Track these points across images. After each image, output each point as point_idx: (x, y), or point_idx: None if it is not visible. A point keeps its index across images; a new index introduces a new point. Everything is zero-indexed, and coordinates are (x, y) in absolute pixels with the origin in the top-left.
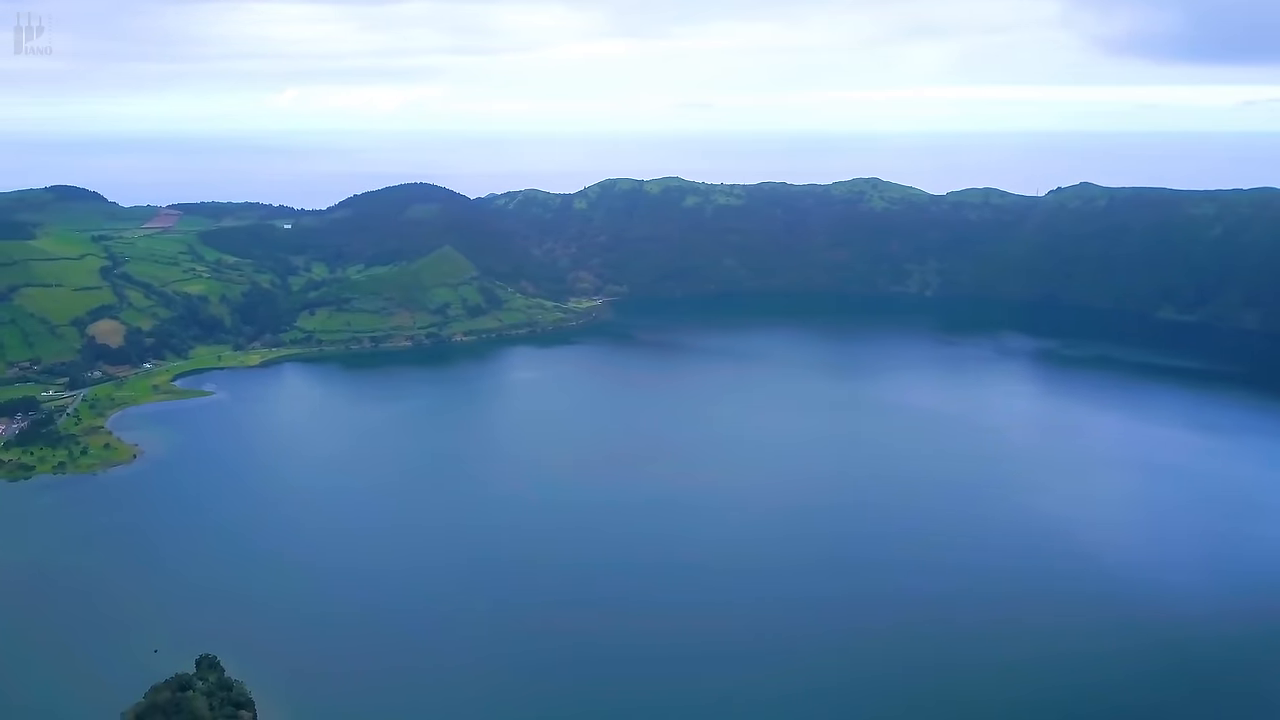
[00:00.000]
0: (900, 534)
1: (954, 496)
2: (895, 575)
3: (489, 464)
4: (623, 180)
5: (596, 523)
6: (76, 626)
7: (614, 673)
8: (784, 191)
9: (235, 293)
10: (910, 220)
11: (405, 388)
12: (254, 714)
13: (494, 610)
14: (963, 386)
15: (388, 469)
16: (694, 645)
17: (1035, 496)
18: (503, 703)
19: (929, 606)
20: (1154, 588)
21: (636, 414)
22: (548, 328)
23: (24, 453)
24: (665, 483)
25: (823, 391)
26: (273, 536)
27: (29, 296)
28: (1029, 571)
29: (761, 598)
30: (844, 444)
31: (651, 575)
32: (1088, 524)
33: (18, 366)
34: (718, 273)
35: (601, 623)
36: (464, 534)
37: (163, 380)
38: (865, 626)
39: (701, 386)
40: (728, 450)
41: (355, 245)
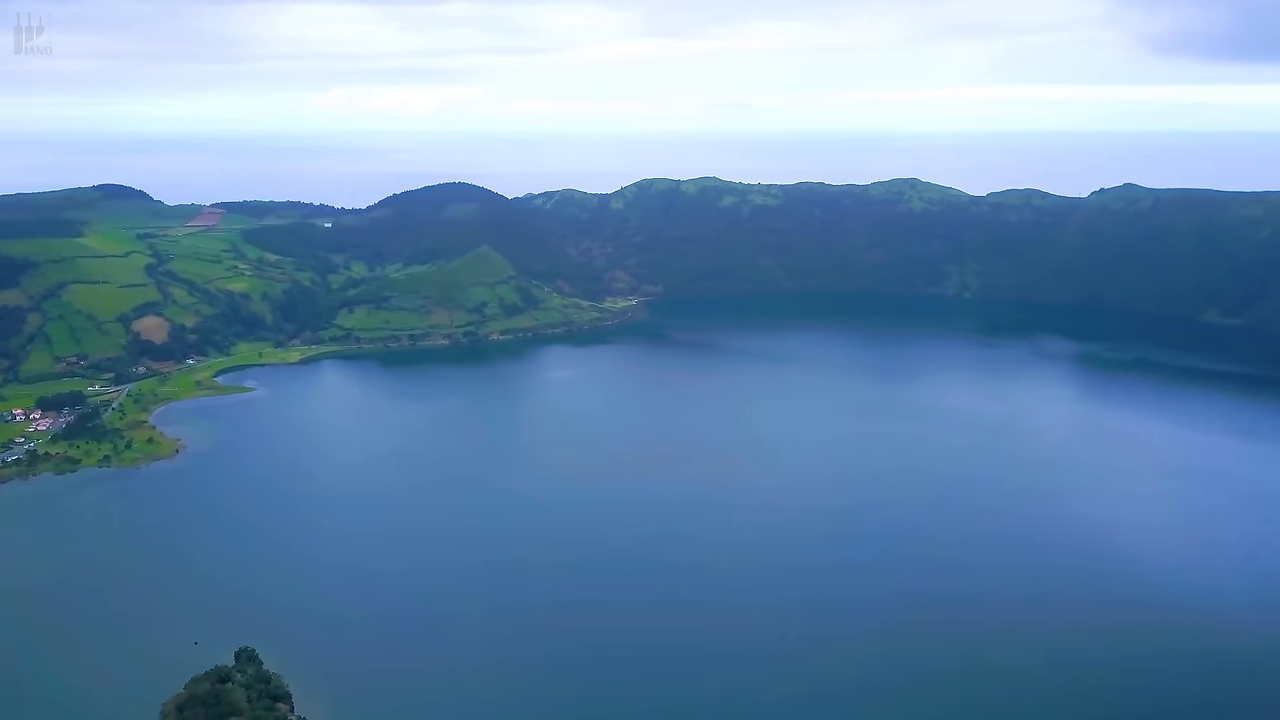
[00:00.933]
0: (934, 536)
1: (989, 499)
2: (928, 576)
3: (523, 463)
4: (659, 180)
5: (630, 523)
6: (120, 617)
7: (646, 673)
8: (821, 191)
9: (276, 290)
10: (949, 221)
11: (442, 386)
12: (291, 706)
13: (525, 610)
14: (1000, 389)
15: (424, 467)
16: (731, 645)
17: (1073, 500)
18: (531, 700)
19: (961, 607)
20: (1192, 592)
21: (670, 414)
22: (583, 327)
23: (70, 446)
24: (698, 483)
25: (858, 393)
26: (311, 531)
27: (76, 293)
28: (1064, 574)
29: (795, 598)
30: (879, 446)
31: (686, 575)
32: (1125, 527)
33: (65, 361)
34: (754, 273)
35: (634, 623)
36: (498, 534)
37: (205, 376)
38: (896, 627)
39: (736, 387)
40: (761, 451)
41: (394, 244)
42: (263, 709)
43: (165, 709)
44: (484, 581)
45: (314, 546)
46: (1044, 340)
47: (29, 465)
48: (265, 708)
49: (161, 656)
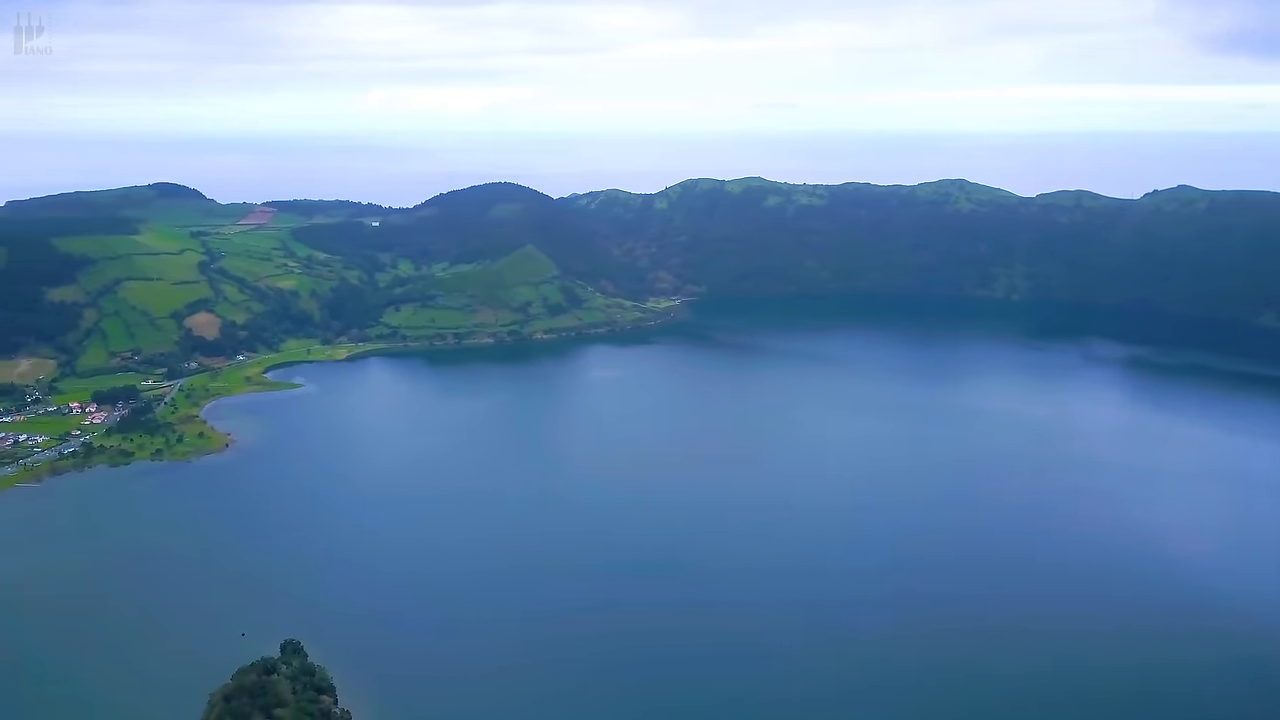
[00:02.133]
0: (974, 538)
1: (1033, 502)
2: (967, 578)
3: (565, 463)
4: (704, 180)
5: (669, 524)
6: (169, 608)
7: (681, 674)
8: (867, 192)
9: (325, 288)
10: (998, 222)
11: (486, 384)
12: (334, 699)
13: (564, 611)
14: (1048, 393)
15: (467, 465)
16: (767, 645)
17: (1119, 504)
18: (568, 701)
19: (1001, 609)
20: (1238, 598)
21: (711, 416)
22: (626, 327)
23: (124, 439)
24: (739, 485)
25: (903, 396)
26: (355, 527)
27: (131, 289)
28: (1108, 577)
29: (834, 599)
30: (922, 448)
31: (724, 578)
32: (1172, 532)
33: (120, 356)
34: (798, 274)
35: (669, 625)
36: (539, 534)
37: (254, 372)
38: (935, 629)
39: (778, 389)
40: (802, 454)
41: (440, 243)
42: (307, 701)
43: (213, 699)
44: (526, 582)
45: (357, 542)
46: (1094, 344)
47: (84, 457)
48: (310, 700)
49: (209, 647)
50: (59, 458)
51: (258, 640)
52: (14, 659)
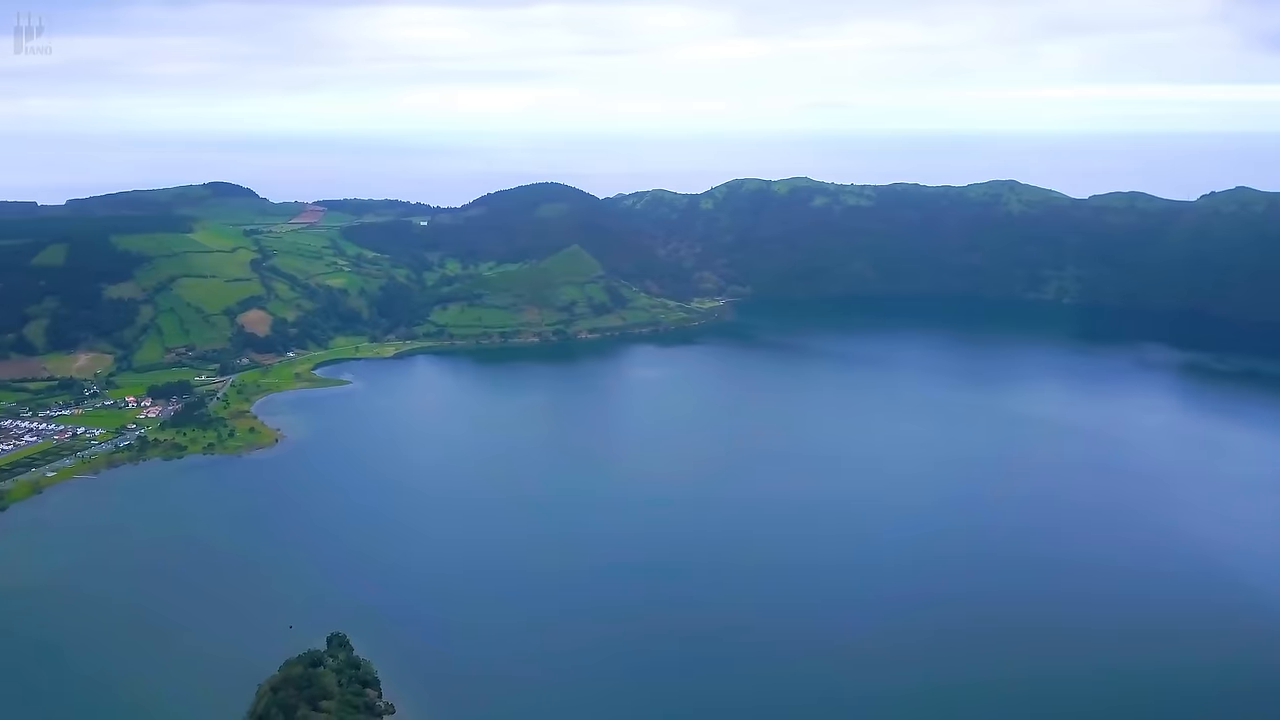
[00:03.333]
0: (1019, 543)
1: (1083, 510)
2: (1011, 583)
3: (608, 461)
4: (750, 180)
5: (712, 522)
6: (220, 599)
7: (721, 674)
8: (916, 193)
9: (374, 286)
10: (1049, 224)
11: (531, 383)
12: (379, 692)
13: (608, 609)
14: (1099, 399)
15: (511, 463)
16: (817, 644)
17: (1171, 514)
18: (615, 700)
19: (1048, 615)
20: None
21: (754, 416)
22: (670, 327)
23: (178, 433)
24: (781, 485)
25: (951, 399)
26: (401, 522)
27: (186, 286)
28: (1161, 591)
29: (874, 599)
30: (967, 452)
31: (768, 577)
32: (1227, 545)
33: (174, 352)
34: (845, 275)
35: (710, 623)
36: (584, 532)
37: (304, 369)
38: (981, 636)
39: (822, 390)
40: (846, 456)
41: (487, 243)
42: (352, 694)
43: (261, 690)
44: (570, 581)
45: (404, 539)
46: (1147, 349)
47: (139, 451)
48: (355, 693)
49: (258, 638)
50: (115, 451)
51: (305, 633)
52: (69, 646)
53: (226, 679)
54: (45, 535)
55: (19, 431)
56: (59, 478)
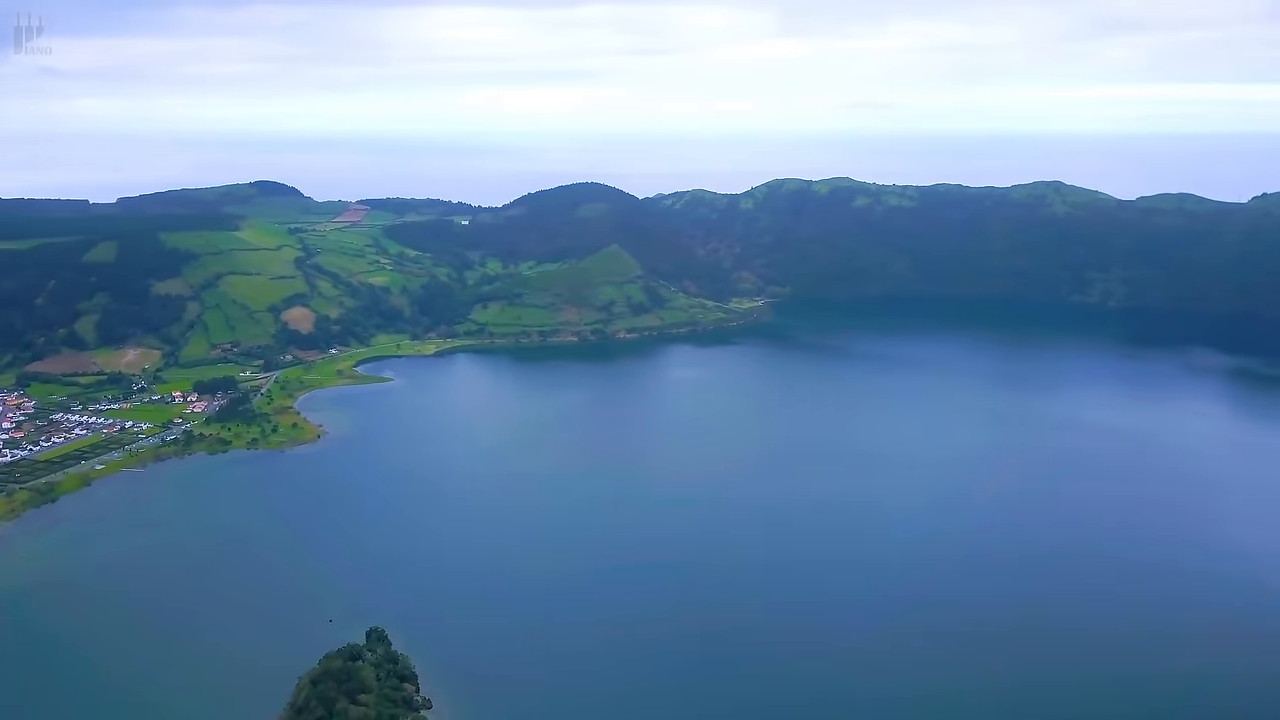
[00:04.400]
0: (1063, 552)
1: (1128, 516)
2: (1051, 593)
3: (643, 460)
4: (790, 180)
5: (748, 522)
6: (262, 592)
7: (757, 673)
8: (959, 194)
9: (415, 285)
10: (1095, 226)
11: (569, 382)
12: (416, 687)
13: (645, 608)
14: (1146, 404)
15: (550, 462)
16: (859, 644)
17: (1218, 521)
18: (652, 700)
19: (1093, 626)
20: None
21: (791, 418)
22: (708, 327)
23: (223, 428)
24: (816, 487)
25: (991, 402)
26: (440, 518)
27: (232, 284)
28: (1206, 600)
29: (911, 600)
30: (1010, 457)
31: (810, 573)
32: (1274, 554)
33: (220, 348)
34: (886, 276)
35: (749, 622)
36: (620, 531)
37: (346, 366)
38: (1023, 626)
39: (861, 392)
40: (882, 458)
41: (527, 242)
42: (390, 688)
43: (301, 682)
44: (605, 579)
45: (442, 531)
46: (1195, 353)
47: (185, 445)
48: (393, 687)
49: (299, 631)
50: (162, 444)
51: (344, 627)
52: (117, 634)
53: (267, 670)
54: (94, 527)
55: (69, 424)
56: (107, 470)
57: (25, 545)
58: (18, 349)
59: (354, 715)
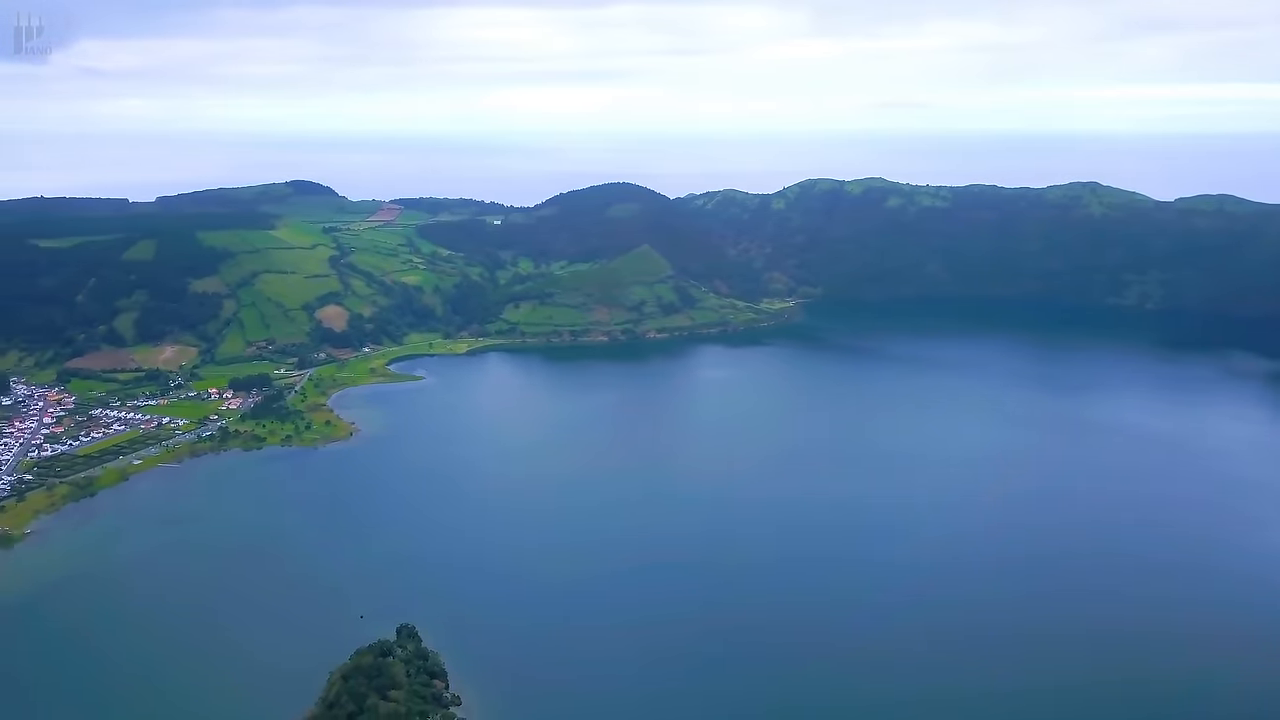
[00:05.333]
0: (1100, 560)
1: (1167, 523)
2: (1090, 604)
3: (671, 460)
4: (823, 180)
5: (777, 523)
6: (295, 587)
7: (793, 674)
8: (993, 194)
9: (447, 284)
10: (1132, 228)
11: (599, 381)
12: (446, 684)
13: (674, 607)
14: (1184, 408)
15: (580, 461)
16: (897, 646)
17: (1259, 525)
18: (675, 698)
19: (1133, 640)
20: None
21: (820, 417)
22: (739, 328)
23: (257, 425)
24: (847, 488)
25: (1025, 405)
26: (470, 518)
27: (267, 282)
28: (1245, 611)
29: (946, 603)
30: (1044, 461)
31: (842, 572)
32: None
33: (255, 346)
34: (919, 277)
35: (781, 621)
36: (650, 531)
37: (379, 364)
38: (1064, 629)
39: (893, 394)
40: (913, 461)
41: (559, 242)
42: (420, 684)
43: (332, 677)
44: (634, 579)
45: (472, 534)
46: (1234, 357)
47: (220, 441)
48: (423, 683)
49: (330, 627)
50: (198, 440)
51: (375, 623)
52: (150, 627)
53: (300, 665)
54: (133, 520)
55: (108, 420)
56: (145, 465)
57: (63, 539)
58: (59, 345)
59: (384, 711)
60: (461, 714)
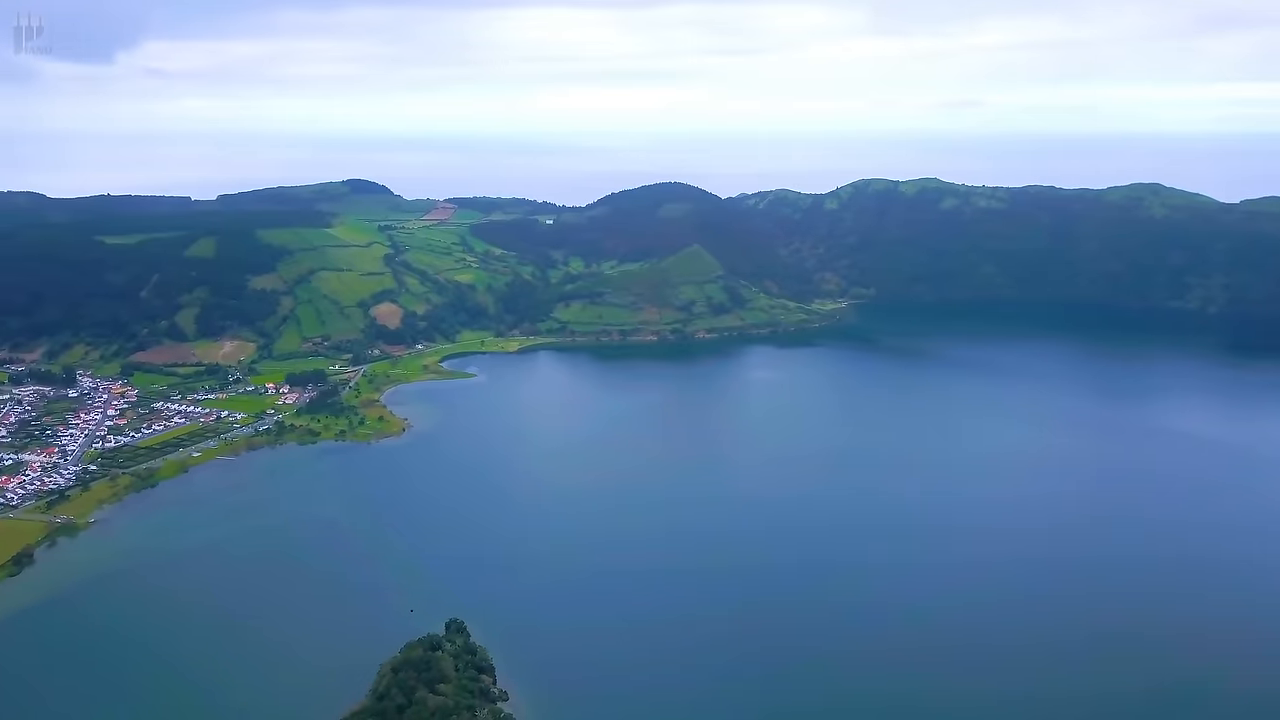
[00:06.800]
0: (1161, 571)
1: (1228, 536)
2: (1144, 615)
3: (718, 460)
4: (877, 180)
5: (822, 525)
6: (347, 579)
7: (838, 674)
8: (1051, 195)
9: (500, 283)
10: (1195, 230)
11: (648, 381)
12: (494, 679)
13: (720, 606)
14: (1248, 415)
15: (627, 459)
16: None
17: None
18: (729, 698)
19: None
20: None
21: (870, 420)
22: (789, 328)
23: (312, 419)
24: (898, 491)
25: (1081, 411)
26: (519, 513)
27: (324, 279)
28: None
29: (995, 616)
30: (1099, 468)
31: (888, 578)
32: None
33: (311, 342)
34: (974, 279)
35: (825, 625)
36: (696, 530)
37: (432, 361)
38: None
39: (946, 397)
40: (964, 466)
41: (610, 242)
42: (468, 679)
43: (383, 669)
44: (682, 579)
45: (520, 530)
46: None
47: (277, 435)
48: (470, 678)
49: (381, 619)
50: (255, 434)
51: (425, 617)
52: (205, 617)
53: (351, 657)
54: (191, 511)
55: (169, 413)
56: (203, 458)
57: (125, 528)
58: (123, 339)
59: (433, 704)
60: (509, 709)
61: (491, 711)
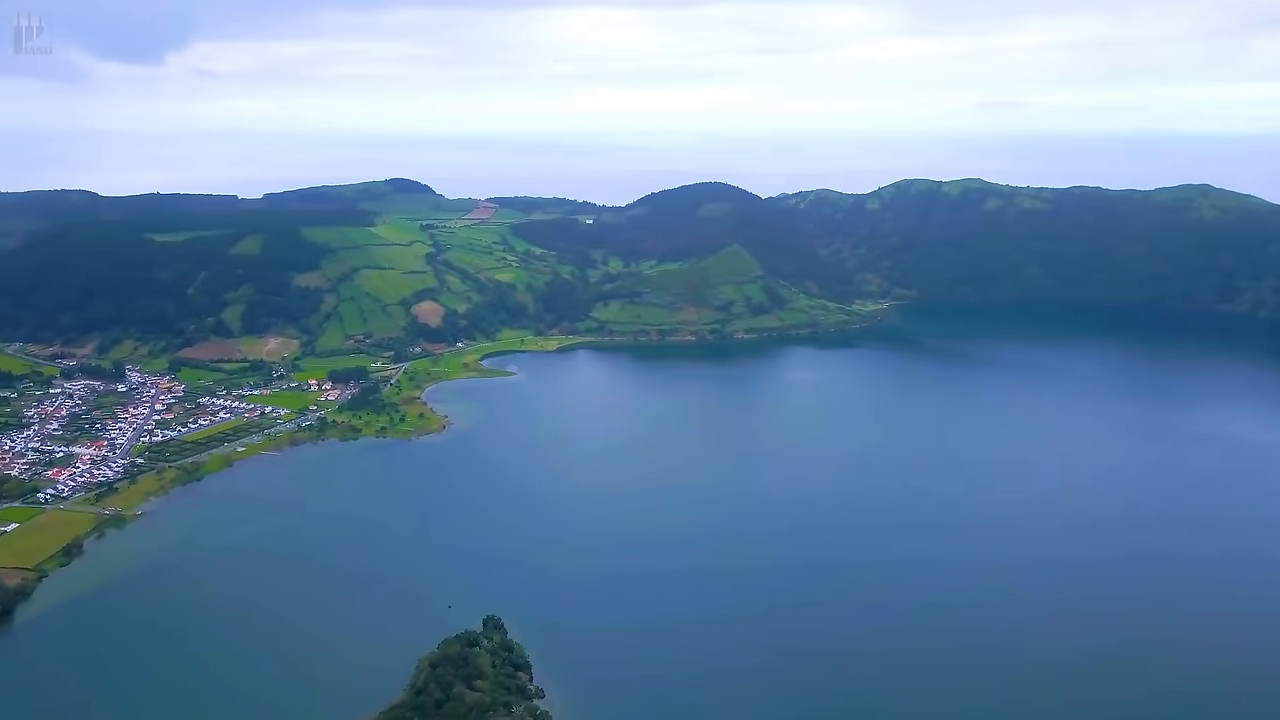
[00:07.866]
0: (1201, 576)
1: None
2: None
3: (754, 460)
4: (919, 181)
5: (865, 524)
6: (387, 575)
7: (876, 677)
8: (1097, 196)
9: (540, 282)
10: (1245, 232)
11: (686, 381)
12: (530, 676)
13: (758, 606)
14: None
15: (665, 459)
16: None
17: None
18: (769, 701)
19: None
20: None
21: (911, 422)
22: (829, 329)
23: (354, 416)
24: (940, 495)
25: (1126, 414)
26: (557, 512)
27: (366, 278)
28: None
29: (1036, 626)
30: (1144, 473)
31: (927, 577)
32: None
33: (353, 339)
34: (1018, 280)
35: (861, 625)
36: (731, 531)
37: (472, 359)
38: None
39: (988, 400)
40: (1005, 468)
41: (649, 241)
42: (505, 675)
43: (421, 664)
44: (718, 578)
45: (558, 528)
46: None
47: (319, 431)
48: (507, 675)
49: (419, 615)
50: (298, 430)
51: (463, 613)
52: (249, 609)
53: (390, 651)
54: (235, 505)
55: (215, 408)
56: (248, 453)
57: (171, 520)
58: (171, 335)
59: (470, 700)
60: (545, 706)
61: (528, 708)
